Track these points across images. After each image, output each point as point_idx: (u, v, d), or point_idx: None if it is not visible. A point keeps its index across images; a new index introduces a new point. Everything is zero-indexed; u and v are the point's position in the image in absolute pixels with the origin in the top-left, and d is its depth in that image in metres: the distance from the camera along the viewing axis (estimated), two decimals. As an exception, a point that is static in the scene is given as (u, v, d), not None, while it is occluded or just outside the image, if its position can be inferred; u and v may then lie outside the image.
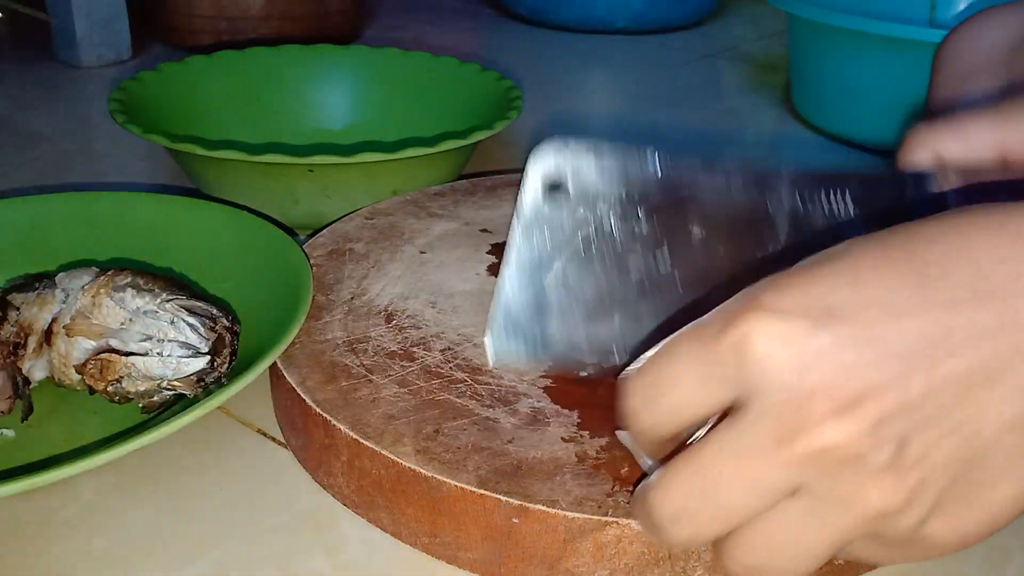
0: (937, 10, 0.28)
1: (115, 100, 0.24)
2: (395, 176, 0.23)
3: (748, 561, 0.10)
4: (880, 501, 0.10)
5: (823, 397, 0.09)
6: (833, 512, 0.10)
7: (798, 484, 0.10)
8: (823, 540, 0.10)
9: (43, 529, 0.14)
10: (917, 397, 0.09)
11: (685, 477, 0.10)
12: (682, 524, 0.11)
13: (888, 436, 0.09)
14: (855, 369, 0.09)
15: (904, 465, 0.10)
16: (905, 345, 0.10)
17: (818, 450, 0.09)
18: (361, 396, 0.15)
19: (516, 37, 0.46)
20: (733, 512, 0.10)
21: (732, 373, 0.10)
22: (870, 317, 0.10)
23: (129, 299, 0.16)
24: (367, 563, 0.14)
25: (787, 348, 0.10)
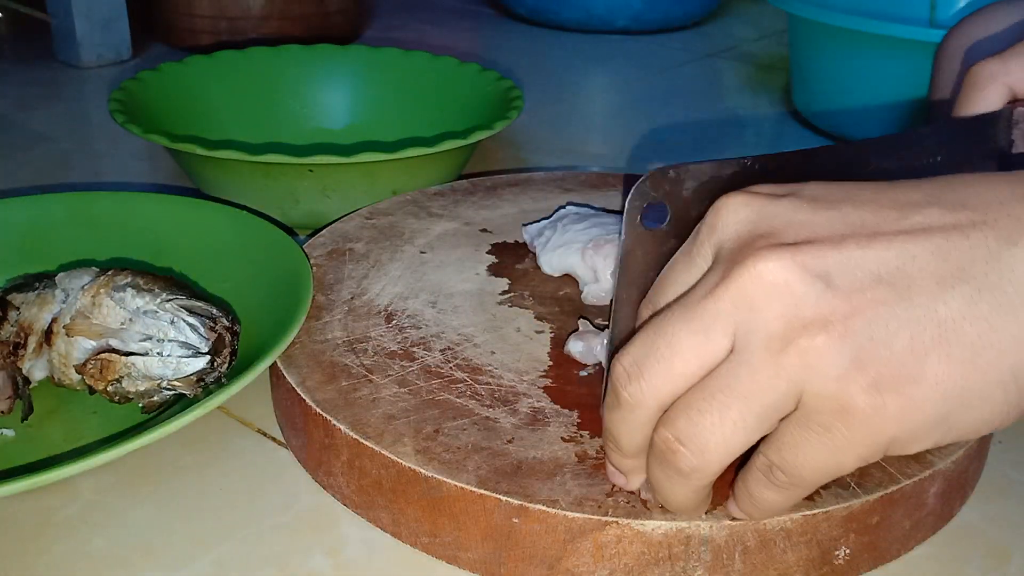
0: (937, 10, 0.28)
1: (115, 100, 0.24)
2: (395, 176, 0.23)
3: (680, 421, 0.10)
4: (801, 338, 0.10)
5: (765, 237, 0.10)
6: (759, 359, 0.10)
7: (734, 322, 0.10)
8: (749, 396, 0.10)
9: (43, 528, 0.14)
10: (853, 252, 0.10)
11: (642, 332, 0.11)
12: (631, 377, 0.11)
13: (816, 272, 0.10)
14: (802, 223, 0.10)
15: (828, 306, 0.10)
16: (856, 216, 0.10)
17: (749, 276, 0.10)
18: (361, 396, 0.15)
19: (516, 37, 0.46)
20: (675, 356, 0.10)
21: (708, 247, 0.11)
22: (831, 197, 0.11)
23: (129, 299, 0.16)
24: (367, 563, 0.14)
25: (747, 208, 0.11)
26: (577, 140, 0.32)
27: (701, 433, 0.10)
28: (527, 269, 0.19)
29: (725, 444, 0.10)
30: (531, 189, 0.23)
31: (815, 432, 0.10)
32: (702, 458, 0.10)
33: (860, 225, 0.10)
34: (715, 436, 0.10)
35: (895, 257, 0.10)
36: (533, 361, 0.16)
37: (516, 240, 0.21)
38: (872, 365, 0.10)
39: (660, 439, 0.11)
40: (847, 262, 0.10)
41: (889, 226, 0.10)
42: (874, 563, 0.13)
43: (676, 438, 0.11)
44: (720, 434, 0.10)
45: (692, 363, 0.10)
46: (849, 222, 0.10)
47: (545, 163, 0.30)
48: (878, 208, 0.10)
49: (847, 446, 0.10)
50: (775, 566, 0.13)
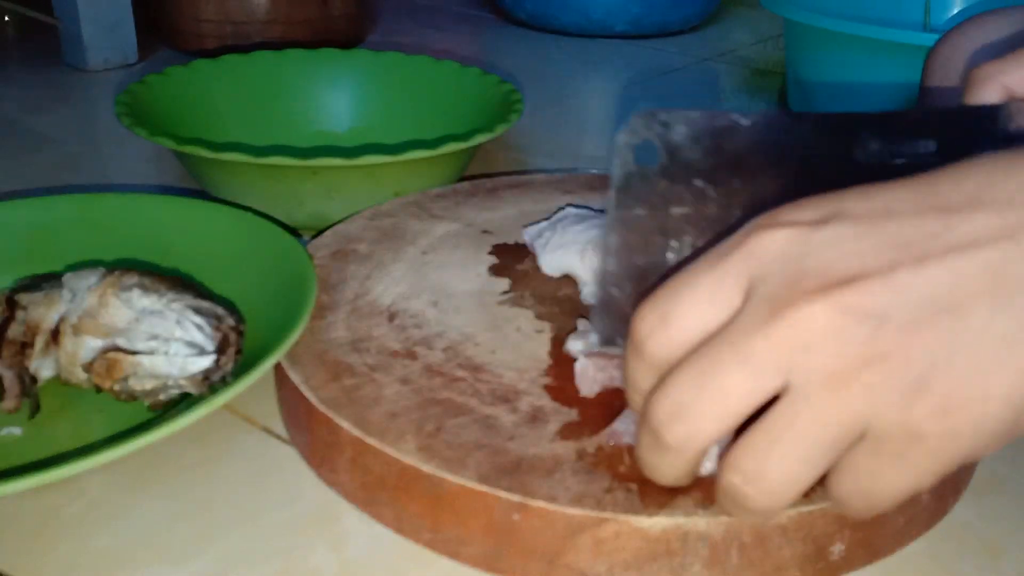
0: (931, 15, 0.29)
1: (122, 103, 0.25)
2: (397, 178, 0.23)
3: (746, 464, 0.10)
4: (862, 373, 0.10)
5: (814, 277, 0.10)
6: (819, 396, 0.10)
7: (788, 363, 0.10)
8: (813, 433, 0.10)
9: (49, 525, 0.14)
10: (904, 281, 0.10)
11: (684, 370, 0.11)
12: (677, 420, 0.11)
13: (869, 311, 0.10)
14: (850, 256, 0.10)
15: (885, 340, 0.10)
16: (902, 238, 0.10)
17: (801, 320, 0.10)
18: (364, 394, 0.15)
19: (516, 41, 0.46)
20: (728, 399, 0.10)
21: (742, 275, 0.10)
22: (874, 216, 0.10)
23: (135, 299, 0.16)
24: (370, 558, 0.14)
25: (790, 241, 0.10)
26: (576, 143, 0.32)
27: (768, 475, 0.10)
28: (527, 270, 0.20)
29: (793, 484, 0.10)
30: (531, 191, 0.23)
31: (889, 459, 0.10)
32: (771, 498, 0.10)
33: (907, 246, 0.10)
34: (783, 477, 0.10)
35: (947, 279, 0.10)
36: (533, 360, 0.16)
37: (517, 241, 0.21)
38: (936, 389, 0.10)
39: (726, 482, 0.11)
40: (900, 294, 0.10)
41: (936, 244, 0.10)
42: (869, 559, 0.14)
43: (744, 480, 0.10)
44: (788, 475, 0.10)
45: (743, 404, 0.10)
46: (895, 244, 0.10)
47: (545, 165, 0.30)
48: (922, 221, 0.10)
49: (923, 468, 0.10)
50: (771, 561, 0.13)
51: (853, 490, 0.11)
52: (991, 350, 0.10)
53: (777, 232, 0.10)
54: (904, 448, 0.10)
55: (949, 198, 0.10)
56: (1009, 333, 0.10)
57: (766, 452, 0.10)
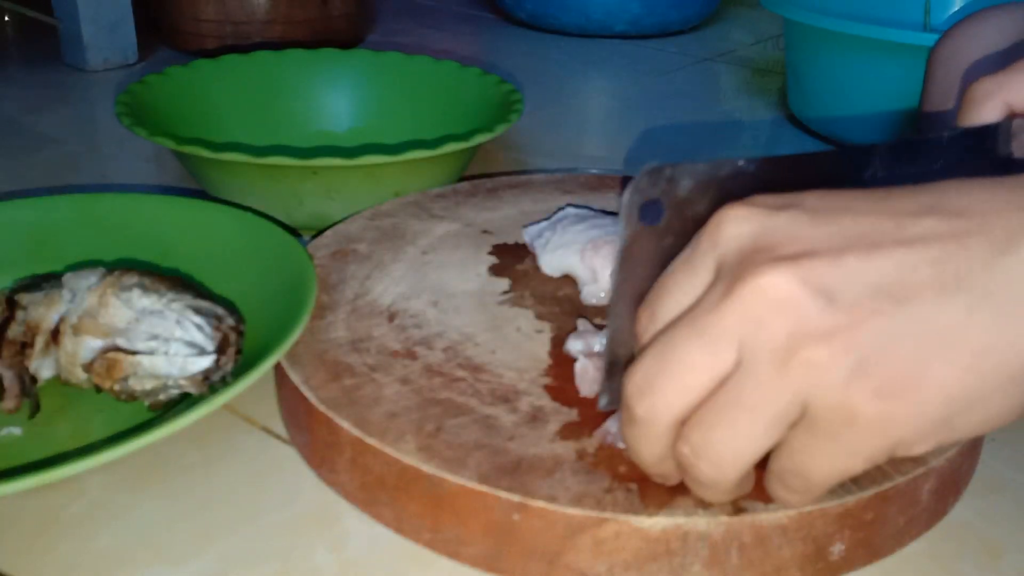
0: (931, 14, 0.29)
1: (122, 103, 0.25)
2: (397, 178, 0.23)
3: (693, 436, 0.11)
4: (805, 349, 0.10)
5: (766, 252, 0.10)
6: (765, 371, 0.10)
7: (739, 336, 0.10)
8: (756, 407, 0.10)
9: (50, 525, 0.14)
10: (853, 265, 0.10)
11: (650, 348, 0.11)
12: (643, 393, 0.11)
13: (818, 287, 0.10)
14: (802, 236, 0.10)
15: (831, 319, 0.10)
16: (855, 228, 0.10)
17: (752, 291, 0.10)
18: (364, 394, 0.15)
19: (516, 41, 0.46)
20: (685, 372, 0.11)
21: (710, 259, 0.11)
22: (829, 209, 0.11)
23: (135, 299, 0.16)
24: (370, 558, 0.14)
25: (748, 222, 0.11)
26: (576, 143, 0.32)
27: (714, 446, 0.11)
28: (527, 270, 0.20)
29: (738, 455, 0.11)
30: (531, 191, 0.23)
31: (822, 439, 0.10)
32: (718, 470, 0.11)
33: (859, 237, 0.10)
34: (728, 448, 0.11)
35: (895, 268, 0.10)
36: (533, 360, 0.16)
37: (516, 241, 0.21)
38: (876, 373, 0.10)
39: (678, 454, 0.11)
40: (848, 275, 0.10)
41: (888, 237, 0.10)
42: (868, 559, 0.14)
43: (692, 452, 0.11)
44: (732, 446, 0.11)
45: (702, 377, 0.11)
46: (848, 234, 0.10)
47: (545, 165, 0.30)
48: (876, 219, 0.10)
49: (854, 450, 0.10)
50: (771, 562, 0.13)
51: (787, 467, 0.11)
52: (932, 341, 0.10)
53: (738, 211, 0.11)
54: (838, 428, 0.10)
55: (903, 205, 0.10)
56: (950, 327, 0.10)
57: (711, 425, 0.11)
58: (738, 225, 0.11)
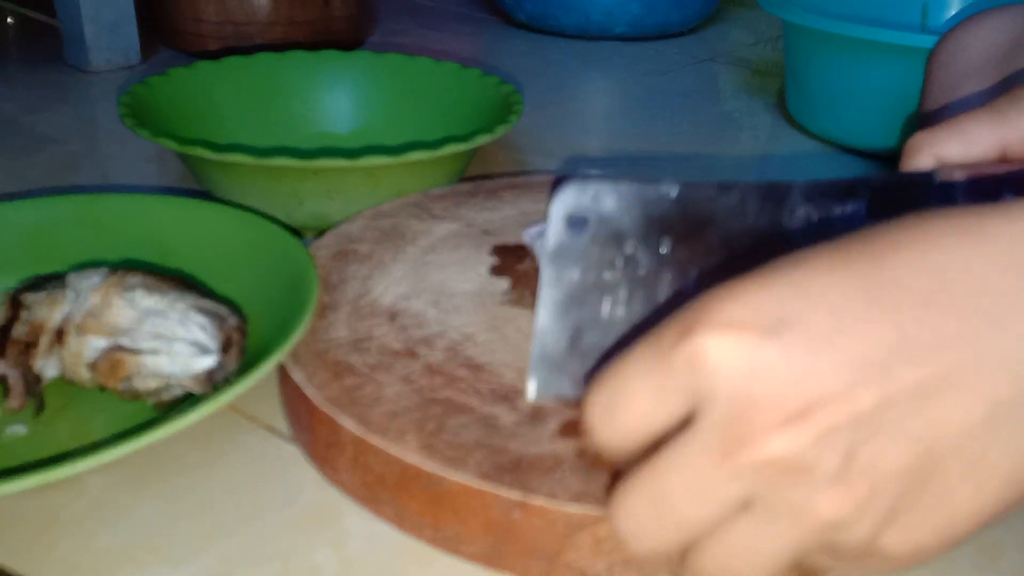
0: (928, 16, 0.29)
1: (124, 104, 0.25)
2: (398, 179, 0.23)
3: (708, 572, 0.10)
4: (829, 512, 0.09)
5: (770, 406, 0.09)
6: (784, 523, 0.10)
7: (748, 495, 0.10)
8: (777, 550, 0.10)
9: (52, 524, 0.14)
10: (868, 407, 0.09)
11: (638, 493, 0.10)
12: (640, 540, 0.11)
13: (835, 446, 0.09)
14: (804, 378, 0.09)
15: (853, 475, 0.09)
16: (858, 354, 0.09)
17: (764, 461, 0.09)
18: (365, 394, 0.15)
19: (516, 43, 0.46)
20: (686, 525, 0.10)
21: (685, 384, 0.10)
22: (822, 326, 0.09)
23: (139, 299, 0.16)
24: (371, 555, 0.14)
25: (737, 358, 0.09)
26: (576, 143, 0.32)
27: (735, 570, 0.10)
28: (528, 270, 0.20)
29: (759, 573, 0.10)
30: (531, 191, 0.23)
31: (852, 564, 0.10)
32: None
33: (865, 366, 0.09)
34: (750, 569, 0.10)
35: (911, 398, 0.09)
36: (533, 360, 0.16)
37: (517, 241, 0.21)
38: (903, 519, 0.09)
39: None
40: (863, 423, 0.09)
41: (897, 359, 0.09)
42: (865, 557, 0.14)
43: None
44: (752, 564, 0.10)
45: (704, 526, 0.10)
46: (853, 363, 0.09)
47: (545, 166, 0.30)
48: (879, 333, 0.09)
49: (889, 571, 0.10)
50: (769, 559, 0.13)
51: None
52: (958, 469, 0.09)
53: (721, 340, 0.09)
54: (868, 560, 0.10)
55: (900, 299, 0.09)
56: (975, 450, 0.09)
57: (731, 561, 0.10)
58: (725, 361, 0.09)
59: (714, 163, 0.31)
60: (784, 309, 0.10)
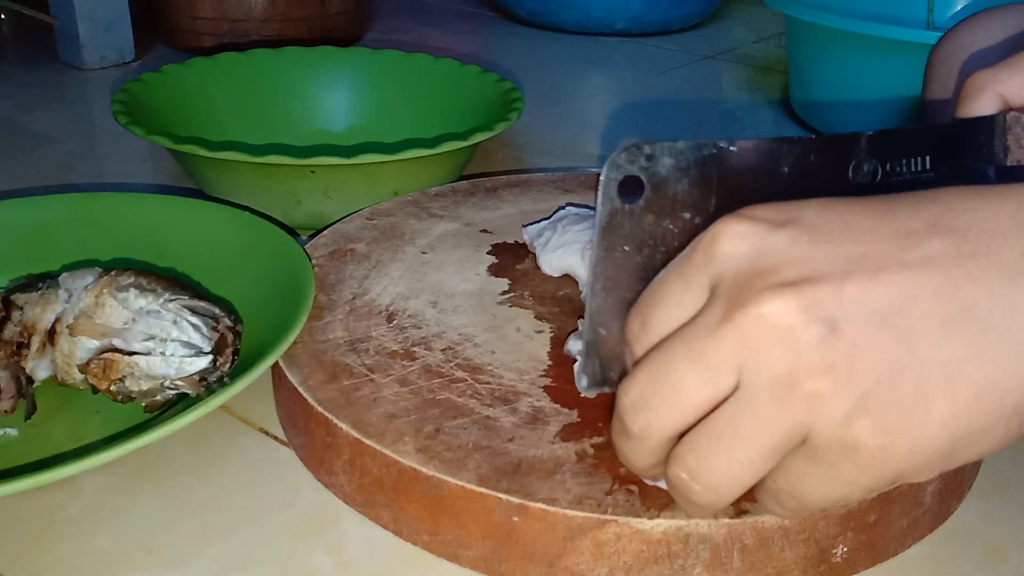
0: (934, 12, 0.29)
1: (118, 101, 0.24)
2: (396, 177, 0.23)
3: (689, 460, 0.11)
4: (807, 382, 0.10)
5: (766, 276, 0.10)
6: (764, 400, 0.10)
7: (738, 363, 0.10)
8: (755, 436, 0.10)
9: (47, 527, 0.14)
10: (857, 292, 0.10)
11: (646, 365, 0.11)
12: (639, 410, 0.11)
13: (820, 316, 0.10)
14: (803, 259, 0.10)
15: (833, 350, 0.10)
16: (856, 251, 0.10)
17: (753, 319, 0.10)
18: (362, 395, 0.15)
19: (516, 39, 0.46)
20: (681, 395, 0.11)
21: (704, 273, 0.11)
22: (830, 227, 0.10)
23: (132, 299, 0.16)
24: (368, 561, 0.14)
25: (746, 240, 0.11)
26: (577, 141, 0.32)
27: (711, 472, 0.11)
28: (527, 269, 0.19)
29: (734, 481, 0.11)
30: (531, 190, 0.23)
31: (822, 467, 0.10)
32: (714, 495, 0.11)
33: (861, 259, 0.10)
34: (724, 475, 0.11)
35: (897, 297, 0.10)
36: (533, 361, 0.16)
37: (516, 240, 0.21)
38: (878, 407, 0.10)
39: (672, 475, 0.11)
40: (850, 303, 0.10)
41: (891, 260, 0.10)
42: (871, 561, 0.14)
43: (688, 475, 0.11)
44: (729, 473, 0.11)
45: (697, 400, 0.11)
46: (850, 256, 0.10)
47: (545, 164, 0.30)
48: (879, 240, 0.10)
49: (854, 481, 0.10)
50: (773, 564, 0.13)
51: (783, 487, 0.11)
52: (934, 375, 0.10)
53: (736, 227, 0.11)
54: (838, 458, 0.10)
55: (906, 222, 0.10)
56: (952, 360, 0.10)
57: (707, 451, 0.11)
58: (736, 243, 0.11)
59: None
60: (796, 213, 0.11)
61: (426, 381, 0.15)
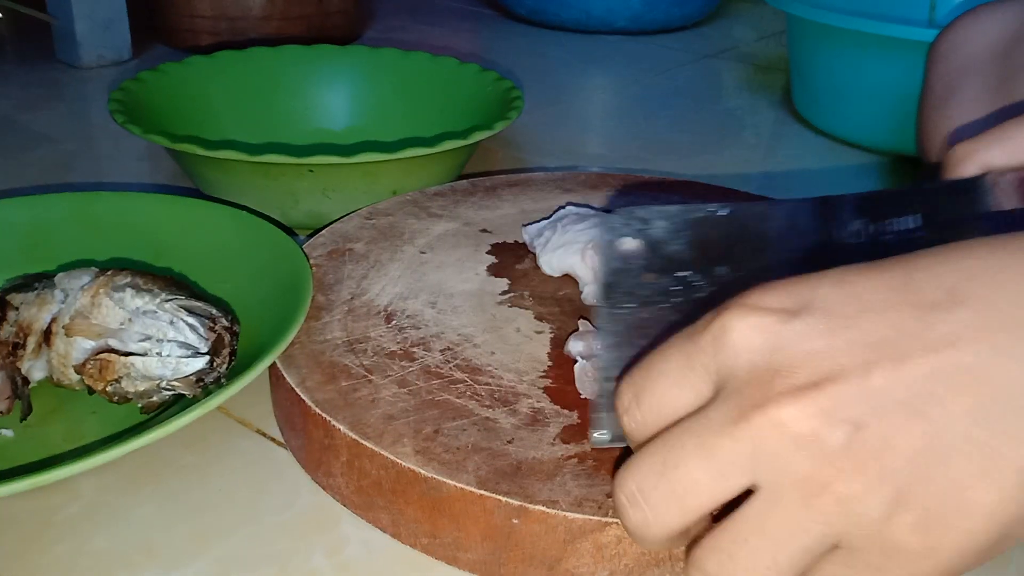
0: (936, 10, 0.28)
1: (115, 100, 0.24)
2: (395, 176, 0.23)
3: (710, 565, 0.10)
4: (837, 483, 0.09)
5: (785, 376, 0.10)
6: (791, 502, 0.09)
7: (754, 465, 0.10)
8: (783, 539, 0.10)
9: (44, 528, 0.14)
10: (880, 385, 0.09)
11: (649, 452, 0.10)
12: (636, 505, 0.10)
13: (844, 418, 0.09)
14: (822, 354, 0.10)
15: (861, 449, 0.09)
16: (877, 335, 0.10)
17: (772, 425, 0.09)
18: (361, 396, 0.15)
19: (516, 37, 0.46)
20: (688, 492, 0.10)
21: (711, 362, 0.10)
22: (846, 310, 0.10)
23: (128, 299, 0.16)
24: (366, 563, 0.14)
25: (760, 334, 0.10)
26: (577, 140, 0.32)
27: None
28: (527, 269, 0.19)
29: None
30: (531, 189, 0.23)
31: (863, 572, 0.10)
32: None
33: (883, 347, 0.09)
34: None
35: (925, 384, 0.09)
36: (533, 361, 0.16)
37: (516, 240, 0.21)
38: (916, 504, 0.09)
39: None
40: (875, 398, 0.09)
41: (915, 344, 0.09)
42: (874, 564, 0.13)
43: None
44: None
45: (705, 499, 0.10)
46: (871, 344, 0.09)
47: (545, 163, 0.30)
48: (900, 319, 0.09)
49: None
50: (775, 567, 0.13)
51: None
52: (971, 461, 0.09)
53: (747, 319, 0.10)
54: (881, 562, 0.10)
55: (925, 293, 0.10)
56: (989, 443, 0.09)
57: (730, 554, 0.10)
58: (749, 337, 0.10)
59: (718, 161, 0.31)
60: (809, 297, 0.10)
61: (425, 382, 0.15)
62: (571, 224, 0.19)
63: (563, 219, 0.20)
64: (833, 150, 0.31)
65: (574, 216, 0.20)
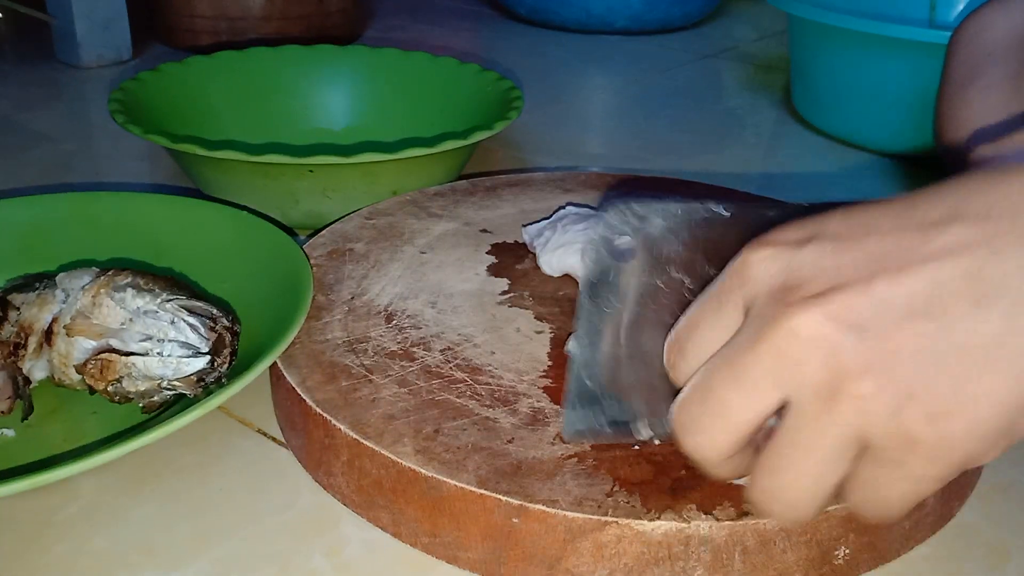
0: (936, 11, 0.28)
1: (115, 100, 0.24)
2: (395, 176, 0.23)
3: (763, 482, 0.11)
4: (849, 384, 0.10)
5: (796, 291, 0.10)
6: (814, 409, 0.10)
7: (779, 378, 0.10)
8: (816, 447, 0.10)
9: (44, 528, 0.14)
10: (883, 291, 0.10)
11: (690, 388, 0.11)
12: (691, 432, 0.11)
13: (851, 322, 0.10)
14: (829, 270, 0.10)
15: (869, 351, 0.10)
16: (881, 251, 0.10)
17: (786, 334, 0.10)
18: (361, 396, 0.15)
19: (516, 37, 0.46)
20: (728, 413, 0.11)
21: (738, 296, 0.11)
22: (854, 233, 0.11)
23: (129, 299, 0.16)
24: (367, 563, 0.14)
25: (776, 261, 0.11)
26: (577, 140, 0.32)
27: (785, 491, 0.11)
28: (527, 269, 0.19)
29: (811, 495, 0.11)
30: (531, 189, 0.23)
31: (889, 468, 0.10)
32: (796, 511, 0.11)
33: (886, 258, 0.10)
34: (799, 491, 0.11)
35: (926, 287, 0.10)
36: (533, 361, 0.16)
37: (516, 240, 0.21)
38: (925, 397, 0.10)
39: (753, 499, 0.11)
40: (879, 302, 0.10)
41: (915, 254, 0.10)
42: (873, 563, 0.13)
43: (766, 498, 0.11)
44: (800, 487, 0.11)
45: (745, 416, 0.11)
46: (875, 257, 0.10)
47: (545, 163, 0.30)
48: (901, 235, 0.10)
49: (924, 474, 0.10)
50: (775, 566, 0.13)
51: (861, 500, 0.11)
52: (977, 354, 0.10)
53: (763, 251, 0.11)
54: (902, 455, 0.10)
55: (927, 215, 0.10)
56: (994, 336, 0.10)
57: (776, 468, 0.11)
58: (765, 266, 0.11)
59: (718, 161, 0.31)
60: (820, 228, 0.11)
61: (425, 382, 0.15)
62: (571, 224, 0.19)
63: (563, 219, 0.20)
64: (833, 150, 0.31)
65: (574, 216, 0.20)
